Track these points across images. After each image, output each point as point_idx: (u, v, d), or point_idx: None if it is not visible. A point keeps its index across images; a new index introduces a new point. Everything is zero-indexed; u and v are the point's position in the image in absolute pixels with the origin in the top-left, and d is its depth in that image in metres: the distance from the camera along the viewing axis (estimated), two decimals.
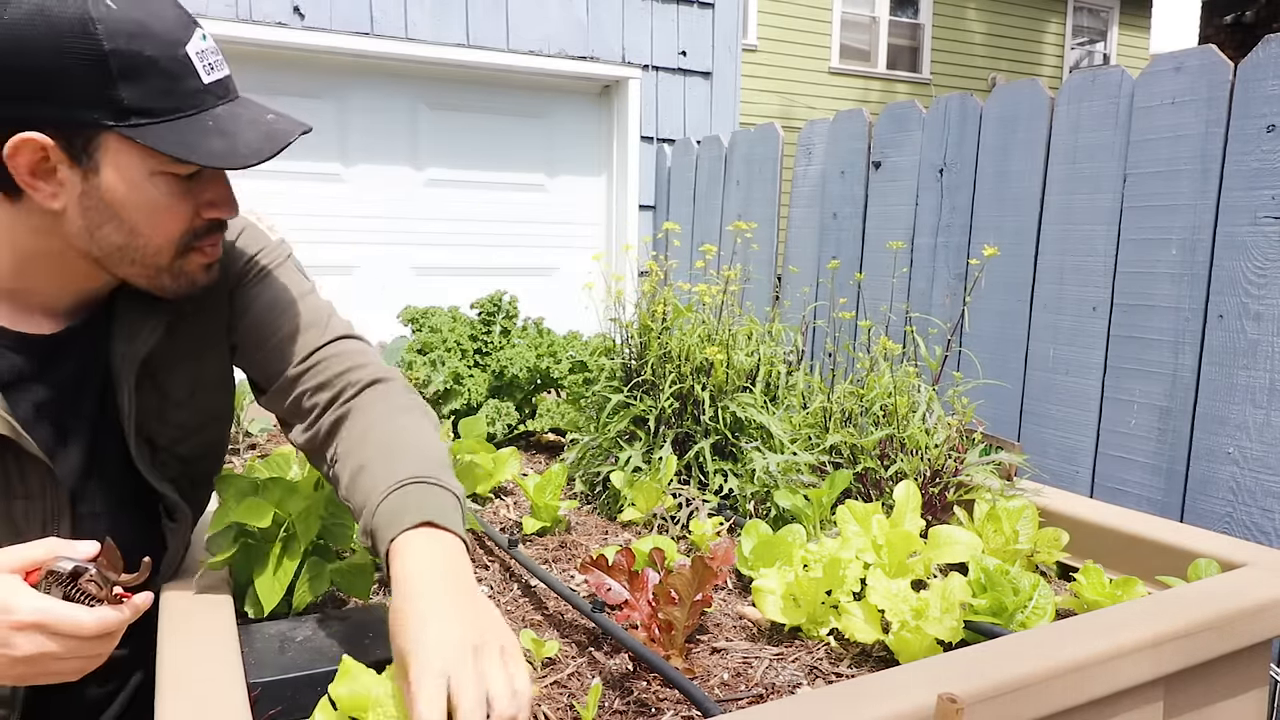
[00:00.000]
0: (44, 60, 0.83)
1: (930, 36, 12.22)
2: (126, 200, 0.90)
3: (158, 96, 0.87)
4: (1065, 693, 0.88)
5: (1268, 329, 1.77)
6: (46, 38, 0.82)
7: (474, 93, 3.70)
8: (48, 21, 0.82)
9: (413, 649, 0.75)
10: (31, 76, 0.83)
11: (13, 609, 0.75)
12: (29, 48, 0.82)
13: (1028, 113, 2.28)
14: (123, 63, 0.84)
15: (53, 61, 0.83)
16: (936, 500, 1.41)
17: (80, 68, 0.83)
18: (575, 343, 2.13)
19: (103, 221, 0.91)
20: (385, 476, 0.94)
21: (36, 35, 0.82)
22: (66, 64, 0.83)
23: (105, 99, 0.85)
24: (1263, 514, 1.78)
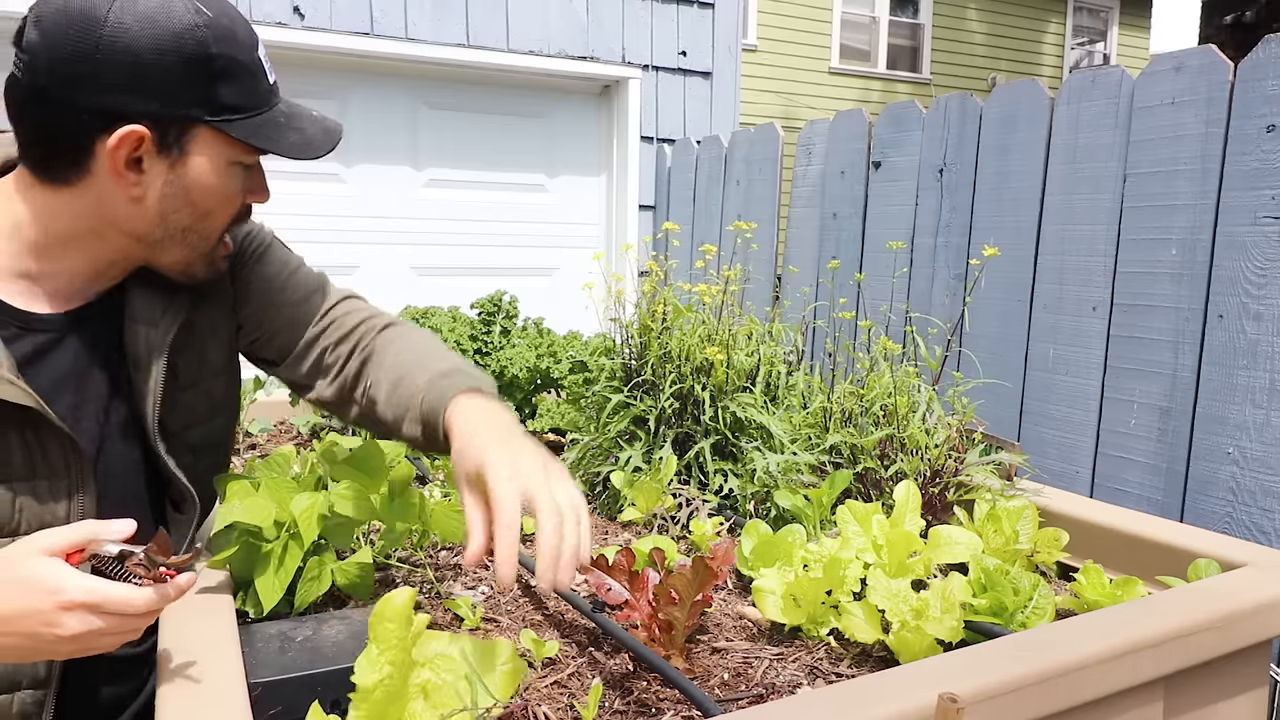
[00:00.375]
0: (154, 60, 0.91)
1: (930, 36, 12.22)
2: (207, 187, 1.00)
3: (244, 95, 0.98)
4: (1065, 693, 0.88)
5: (1268, 329, 1.77)
6: (160, 40, 0.91)
7: (474, 93, 3.69)
8: (160, 27, 0.91)
9: (491, 467, 0.88)
10: (141, 75, 0.91)
11: (62, 589, 0.77)
12: (143, 49, 0.91)
13: (1027, 113, 2.28)
14: (221, 65, 0.95)
15: (162, 62, 0.92)
16: (936, 500, 1.41)
17: (186, 68, 0.93)
18: (575, 343, 2.13)
19: (180, 206, 0.99)
20: (425, 373, 1.08)
21: (150, 39, 0.91)
22: (173, 63, 0.92)
23: (204, 97, 0.95)
24: (1263, 514, 1.78)
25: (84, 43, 0.89)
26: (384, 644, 0.78)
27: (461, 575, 1.33)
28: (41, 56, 0.90)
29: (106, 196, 0.96)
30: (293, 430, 2.22)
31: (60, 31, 0.89)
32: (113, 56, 0.90)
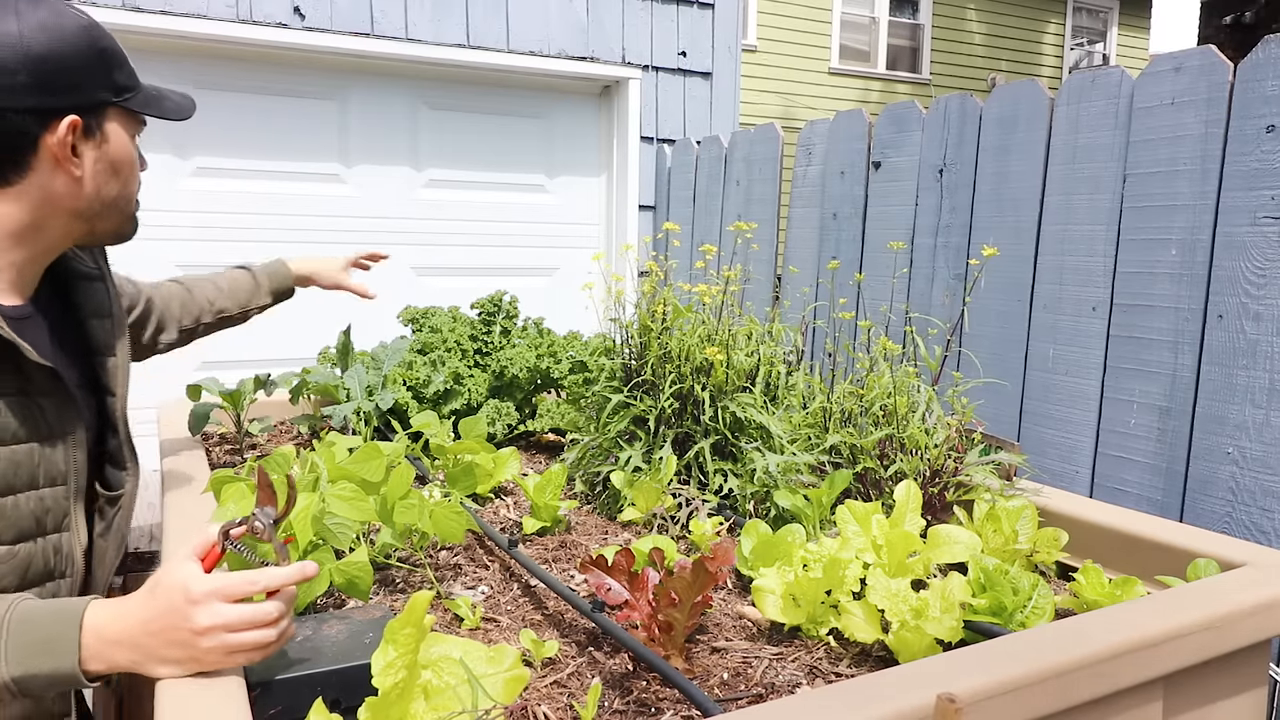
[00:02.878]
0: (69, 59, 1.08)
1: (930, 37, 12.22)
2: (123, 158, 1.18)
3: (129, 77, 1.17)
4: (1065, 692, 0.88)
5: (1267, 329, 1.77)
6: (68, 42, 1.08)
7: (474, 93, 3.69)
8: (65, 31, 1.08)
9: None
10: (62, 73, 1.08)
11: (189, 583, 0.87)
12: (58, 52, 1.07)
13: (1027, 113, 2.28)
14: (110, 54, 1.14)
15: (74, 59, 1.09)
16: (936, 500, 1.41)
17: (91, 61, 1.11)
18: (575, 343, 2.13)
19: (108, 179, 1.16)
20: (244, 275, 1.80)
21: (61, 42, 1.08)
22: (82, 59, 1.10)
23: (107, 82, 1.13)
24: (1262, 514, 1.78)
25: (10, 59, 1.04)
26: (401, 648, 0.78)
27: (461, 575, 1.33)
28: None
29: (49, 185, 1.10)
30: (293, 430, 2.22)
31: None
32: (37, 63, 1.06)
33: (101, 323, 1.27)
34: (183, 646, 0.87)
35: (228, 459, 1.96)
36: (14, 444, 1.08)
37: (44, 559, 1.12)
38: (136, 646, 0.88)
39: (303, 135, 3.32)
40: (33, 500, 1.09)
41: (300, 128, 3.32)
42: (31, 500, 1.09)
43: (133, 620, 0.89)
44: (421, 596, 0.79)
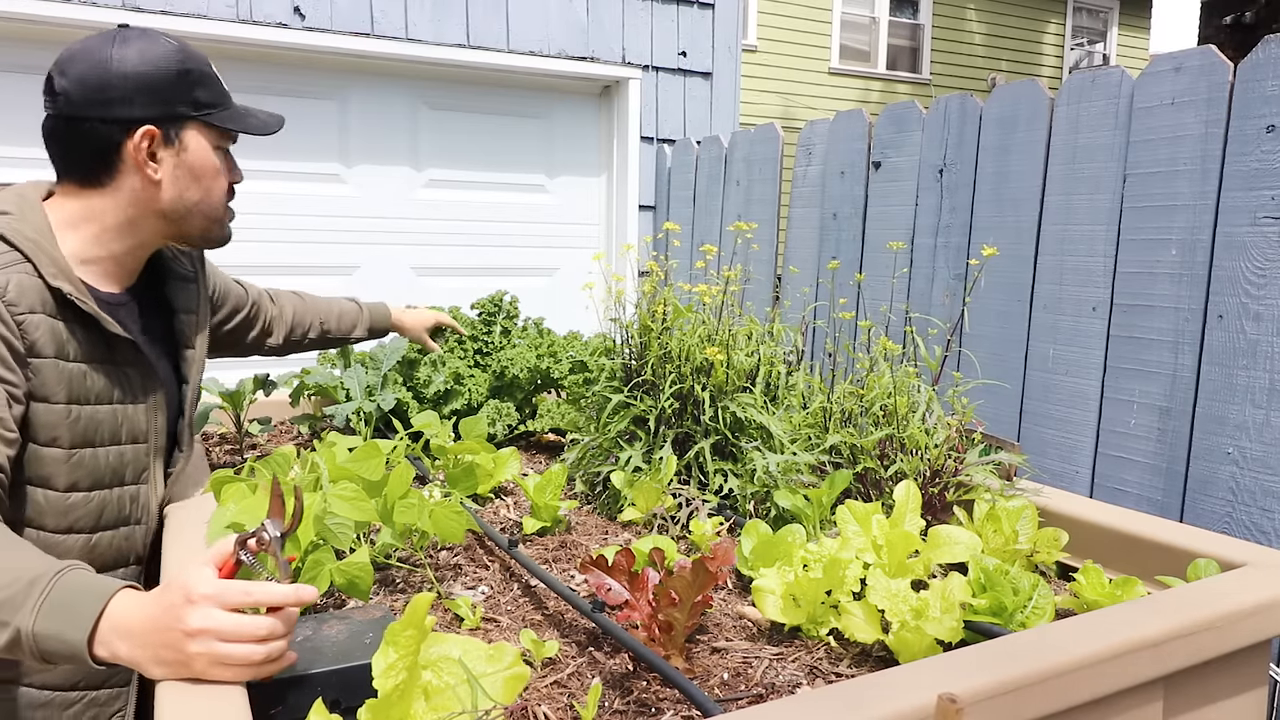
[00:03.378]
0: (151, 77, 1.27)
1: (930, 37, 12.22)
2: (202, 168, 1.34)
3: (213, 95, 1.34)
4: (1065, 693, 0.88)
5: (1267, 329, 1.77)
6: (152, 63, 1.28)
7: (474, 93, 3.69)
8: (151, 54, 1.28)
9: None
10: (143, 89, 1.27)
11: (192, 585, 0.89)
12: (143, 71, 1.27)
13: (1027, 113, 2.28)
14: (195, 75, 1.32)
15: (156, 77, 1.28)
16: (936, 500, 1.41)
17: (173, 79, 1.29)
18: (575, 343, 2.13)
19: (188, 184, 1.33)
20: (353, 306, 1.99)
21: (146, 63, 1.28)
22: (164, 77, 1.28)
23: (188, 99, 1.31)
24: (1262, 514, 1.78)
25: (104, 74, 1.25)
26: (402, 649, 0.78)
27: (461, 575, 1.33)
28: (72, 93, 1.25)
29: (135, 187, 1.29)
30: (293, 430, 2.22)
31: (82, 72, 1.25)
32: (124, 80, 1.26)
33: (188, 318, 1.47)
34: (173, 648, 0.86)
35: (228, 459, 1.96)
36: (97, 404, 1.25)
37: (119, 506, 1.30)
38: (137, 642, 0.88)
39: (303, 135, 3.32)
40: (112, 454, 1.28)
41: (300, 128, 3.32)
42: (111, 454, 1.28)
43: (140, 615, 0.90)
44: (423, 599, 0.79)
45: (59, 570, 0.93)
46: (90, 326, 1.24)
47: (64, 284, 1.20)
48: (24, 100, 2.97)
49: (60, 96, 1.26)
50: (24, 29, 2.90)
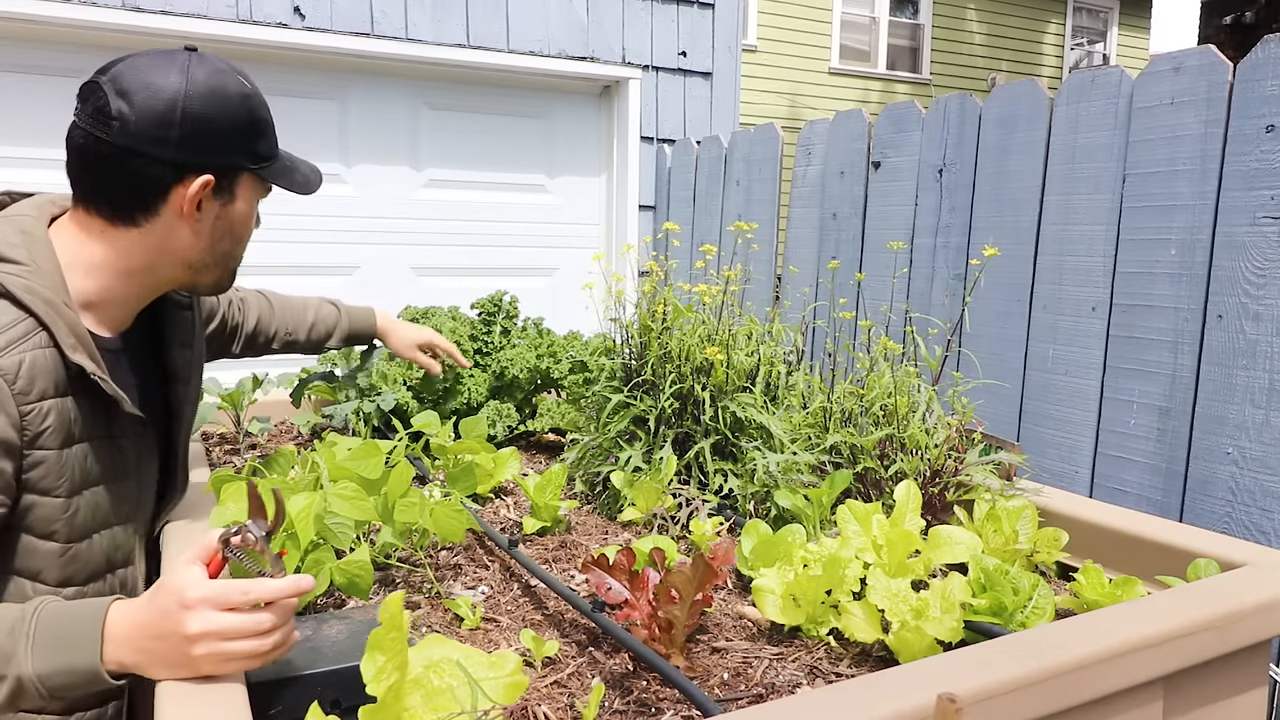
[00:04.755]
0: (219, 124, 1.15)
1: (930, 37, 12.22)
2: (244, 219, 1.25)
3: (270, 147, 1.24)
4: (1065, 693, 0.88)
5: (1267, 329, 1.77)
6: (224, 108, 1.16)
7: (474, 93, 3.69)
8: (224, 98, 1.16)
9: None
10: (210, 135, 1.15)
11: (185, 588, 0.87)
12: (213, 116, 1.15)
13: (1027, 113, 2.28)
14: (260, 125, 1.21)
15: (224, 125, 1.16)
16: (936, 500, 1.41)
17: (240, 129, 1.18)
18: (575, 343, 2.13)
19: (224, 236, 1.23)
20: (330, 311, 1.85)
21: (217, 108, 1.15)
22: (232, 126, 1.17)
23: (249, 150, 1.20)
24: (1262, 514, 1.78)
25: (172, 112, 1.11)
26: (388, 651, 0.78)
27: (461, 575, 1.33)
28: (131, 122, 1.10)
29: (170, 233, 1.17)
30: (293, 430, 2.22)
31: (149, 102, 1.10)
32: (192, 123, 1.13)
33: (183, 351, 1.35)
34: (177, 652, 0.86)
35: (227, 459, 1.96)
36: (95, 486, 1.13)
37: (109, 590, 1.18)
38: (138, 648, 0.88)
39: (303, 135, 3.32)
40: (105, 539, 1.16)
41: (300, 127, 3.32)
42: (105, 539, 1.16)
43: (135, 622, 0.89)
44: (395, 599, 0.79)
45: (33, 610, 0.92)
46: (96, 399, 1.12)
47: (84, 360, 1.08)
48: (24, 100, 2.97)
49: (115, 122, 1.11)
50: (24, 29, 2.90)
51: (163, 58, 1.15)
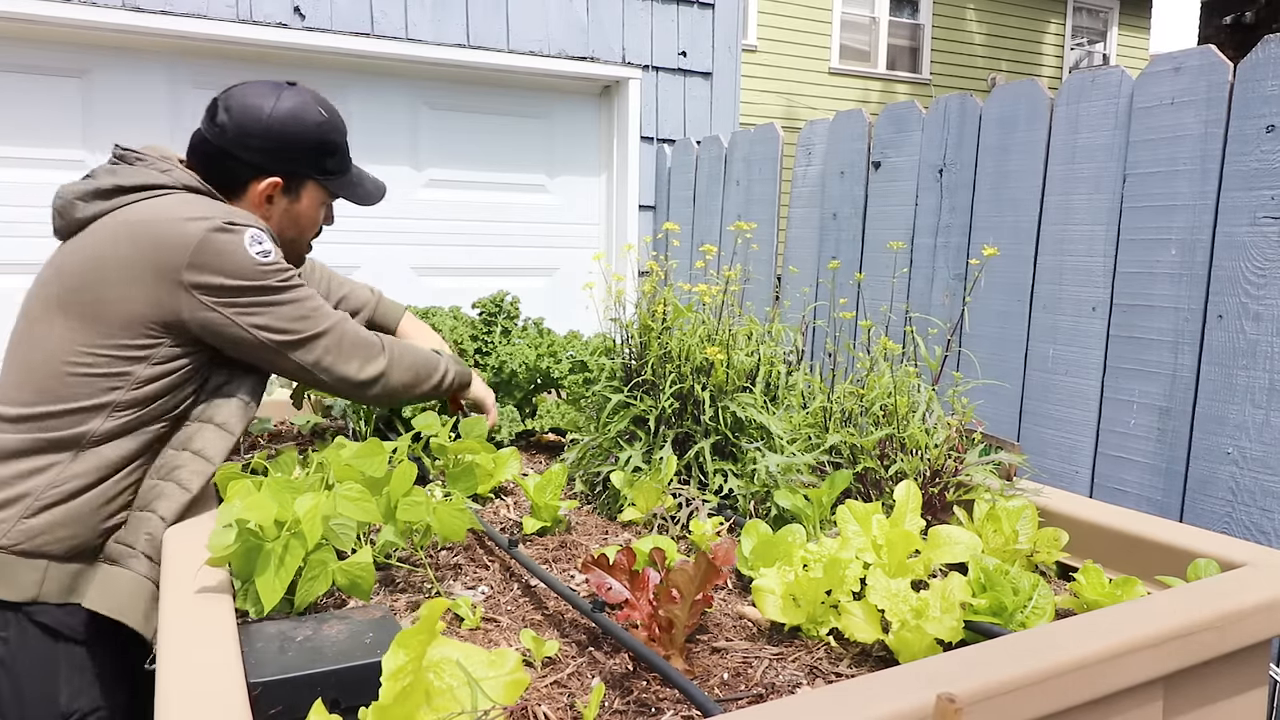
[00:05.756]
0: (294, 140, 1.56)
1: (930, 37, 12.22)
2: (307, 217, 1.66)
3: (338, 164, 1.65)
4: (1065, 693, 0.88)
5: (1267, 329, 1.77)
6: (299, 129, 1.56)
7: (474, 93, 3.70)
8: (301, 120, 1.56)
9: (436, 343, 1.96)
10: (284, 148, 1.55)
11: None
12: (289, 133, 1.55)
13: (1027, 113, 2.28)
14: (330, 146, 1.62)
15: (298, 141, 1.56)
16: (936, 500, 1.41)
17: (311, 147, 1.59)
18: (575, 342, 2.13)
19: (289, 227, 1.63)
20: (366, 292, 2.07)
21: (294, 127, 1.55)
22: (305, 143, 1.58)
23: (317, 164, 1.62)
24: (1262, 514, 1.78)
25: (256, 126, 1.52)
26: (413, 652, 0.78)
27: (461, 575, 1.33)
28: (229, 129, 1.52)
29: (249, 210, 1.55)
30: (293, 430, 2.22)
31: (241, 118, 1.52)
32: (270, 136, 1.53)
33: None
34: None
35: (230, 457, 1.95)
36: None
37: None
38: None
39: None
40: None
41: None
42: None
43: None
44: (436, 604, 0.79)
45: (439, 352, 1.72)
46: None
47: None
48: (24, 100, 2.97)
49: (217, 128, 1.52)
50: (24, 29, 2.90)
51: (265, 86, 1.55)
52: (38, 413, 1.40)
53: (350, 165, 1.68)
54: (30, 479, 1.39)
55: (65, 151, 3.05)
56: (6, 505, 1.39)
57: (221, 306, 1.41)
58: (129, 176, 1.46)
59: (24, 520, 1.39)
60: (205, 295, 1.40)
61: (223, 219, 1.42)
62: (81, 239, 1.44)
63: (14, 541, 1.39)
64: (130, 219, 1.41)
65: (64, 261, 1.44)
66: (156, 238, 1.39)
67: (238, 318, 1.42)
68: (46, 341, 1.41)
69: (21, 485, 1.39)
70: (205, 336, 1.44)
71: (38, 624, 1.41)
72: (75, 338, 1.39)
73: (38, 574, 1.40)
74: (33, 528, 1.39)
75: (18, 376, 1.43)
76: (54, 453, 1.40)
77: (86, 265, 1.40)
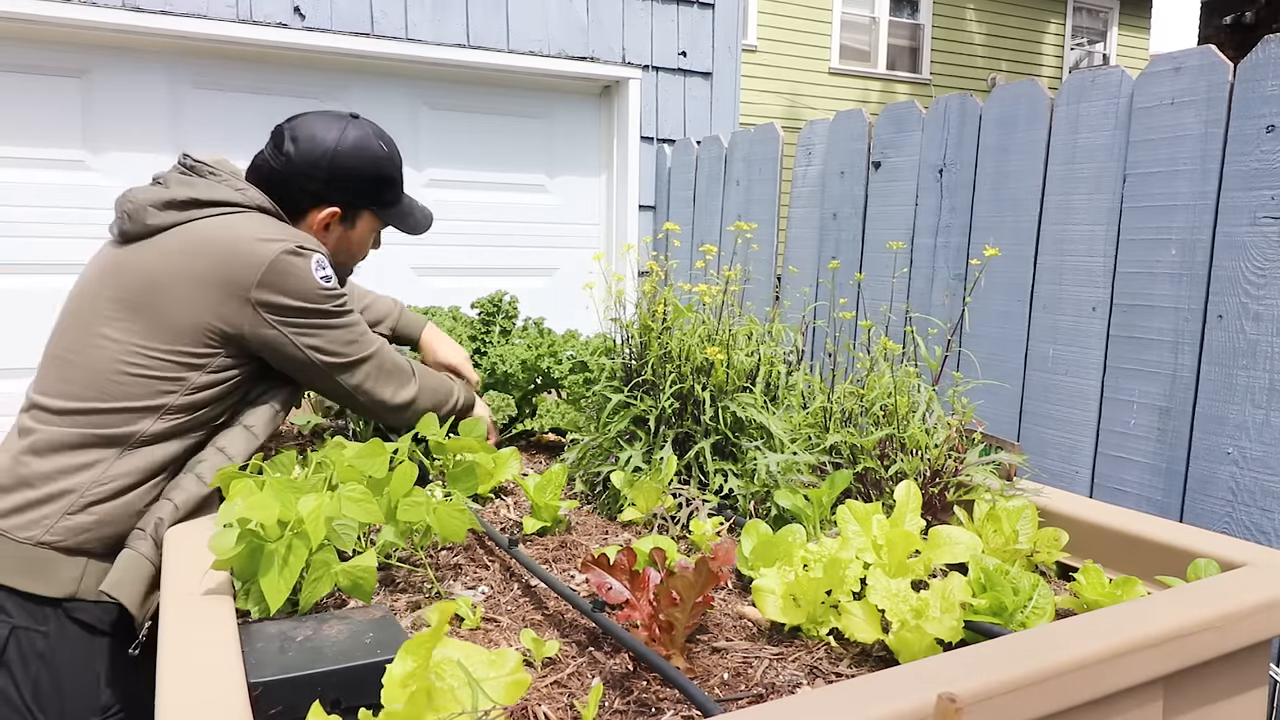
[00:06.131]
0: (355, 174, 1.64)
1: (930, 37, 12.22)
2: (360, 243, 1.75)
3: (394, 196, 1.74)
4: (1065, 693, 0.89)
5: (1267, 329, 1.77)
6: (362, 164, 1.64)
7: (474, 93, 3.70)
8: (364, 155, 1.64)
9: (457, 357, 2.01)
10: (346, 181, 1.64)
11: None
12: (351, 167, 1.63)
13: (1027, 113, 2.28)
14: (388, 180, 1.71)
15: (359, 175, 1.65)
16: (936, 500, 1.42)
17: (371, 181, 1.68)
18: (574, 342, 2.13)
19: (341, 250, 1.73)
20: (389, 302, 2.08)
21: (357, 161, 1.63)
22: (365, 178, 1.66)
23: (374, 196, 1.70)
24: (1262, 514, 1.78)
25: (321, 159, 1.60)
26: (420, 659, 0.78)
27: (461, 575, 1.33)
28: (294, 159, 1.59)
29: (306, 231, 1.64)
30: (293, 430, 2.22)
31: (307, 149, 1.60)
32: (334, 170, 1.61)
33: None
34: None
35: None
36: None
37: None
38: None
39: None
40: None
41: None
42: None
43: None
44: (446, 607, 0.79)
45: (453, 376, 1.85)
46: None
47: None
48: (24, 100, 2.97)
49: (283, 157, 1.60)
50: (24, 29, 2.90)
51: (331, 118, 1.63)
52: (86, 408, 1.43)
53: (403, 195, 1.76)
54: (76, 475, 1.42)
55: (65, 151, 3.05)
56: (51, 500, 1.42)
57: (281, 325, 1.48)
58: (205, 190, 1.51)
59: (68, 516, 1.42)
60: (269, 313, 1.47)
61: (295, 243, 1.50)
62: (151, 245, 1.48)
63: (57, 538, 1.42)
64: (205, 233, 1.47)
65: (127, 263, 1.48)
66: (230, 254, 1.45)
67: (295, 336, 1.50)
68: (100, 339, 1.44)
69: (66, 481, 1.42)
70: (261, 351, 1.51)
71: (75, 620, 1.44)
72: (134, 339, 1.43)
73: (77, 570, 1.43)
74: (77, 525, 1.42)
75: (63, 371, 1.46)
76: (101, 448, 1.43)
77: (156, 271, 1.45)
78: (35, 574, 1.41)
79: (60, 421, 1.43)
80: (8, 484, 1.43)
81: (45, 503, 1.42)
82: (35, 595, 1.42)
